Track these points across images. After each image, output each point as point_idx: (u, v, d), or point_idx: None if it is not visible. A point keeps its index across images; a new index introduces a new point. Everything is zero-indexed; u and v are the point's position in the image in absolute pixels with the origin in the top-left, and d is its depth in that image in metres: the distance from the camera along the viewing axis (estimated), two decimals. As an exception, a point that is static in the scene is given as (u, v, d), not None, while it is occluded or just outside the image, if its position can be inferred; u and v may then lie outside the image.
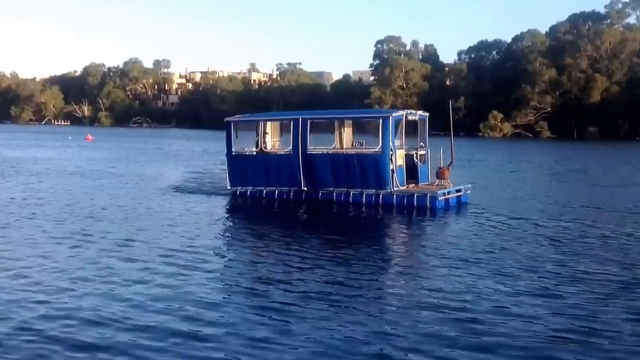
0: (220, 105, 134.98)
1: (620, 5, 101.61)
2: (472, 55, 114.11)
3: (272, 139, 22.32)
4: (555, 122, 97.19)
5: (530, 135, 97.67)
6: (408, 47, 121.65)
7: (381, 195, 19.85)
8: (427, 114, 22.24)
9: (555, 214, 18.36)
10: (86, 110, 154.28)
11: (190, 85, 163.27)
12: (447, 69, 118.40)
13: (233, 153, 22.13)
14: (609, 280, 10.58)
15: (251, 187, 21.71)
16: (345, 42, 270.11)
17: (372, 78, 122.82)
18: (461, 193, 20.63)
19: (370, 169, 20.06)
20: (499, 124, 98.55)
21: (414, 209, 19.28)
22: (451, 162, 20.88)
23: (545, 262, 11.73)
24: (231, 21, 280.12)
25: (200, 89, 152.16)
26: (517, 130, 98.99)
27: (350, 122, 22.68)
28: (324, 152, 21.29)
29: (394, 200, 19.73)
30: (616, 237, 14.59)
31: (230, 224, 17.52)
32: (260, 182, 21.59)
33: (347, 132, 22.34)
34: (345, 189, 20.38)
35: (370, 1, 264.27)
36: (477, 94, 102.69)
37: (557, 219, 17.19)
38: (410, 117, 21.22)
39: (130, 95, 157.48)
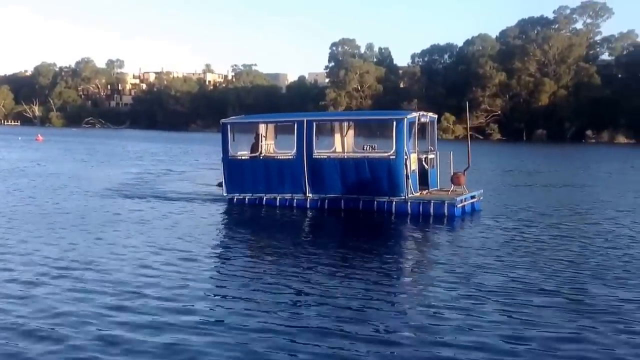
0: (174, 106, 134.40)
1: (568, 11, 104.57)
2: (425, 59, 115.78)
3: (267, 142, 21.19)
4: (505, 125, 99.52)
5: (481, 137, 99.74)
6: (363, 50, 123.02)
7: (394, 203, 18.54)
8: (436, 116, 21.30)
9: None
10: (37, 110, 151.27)
11: (144, 86, 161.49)
12: (401, 71, 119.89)
13: (229, 157, 20.58)
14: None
15: (250, 194, 20.24)
16: (301, 44, 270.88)
17: (327, 80, 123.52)
18: (475, 199, 19.51)
19: (382, 174, 18.66)
20: (451, 126, 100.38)
21: (430, 217, 18.01)
22: (467, 167, 19.59)
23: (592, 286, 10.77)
24: (185, 22, 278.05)
25: (155, 89, 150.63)
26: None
27: (352, 124, 21.40)
28: (332, 156, 19.88)
29: (409, 208, 18.43)
30: (561, 236, 15.37)
31: (228, 233, 16.15)
32: (260, 189, 20.12)
33: (349, 135, 21.15)
34: (355, 196, 18.98)
35: (325, 4, 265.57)
36: (430, 96, 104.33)
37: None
38: (422, 119, 20.14)
39: (83, 96, 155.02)
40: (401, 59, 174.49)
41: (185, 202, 20.87)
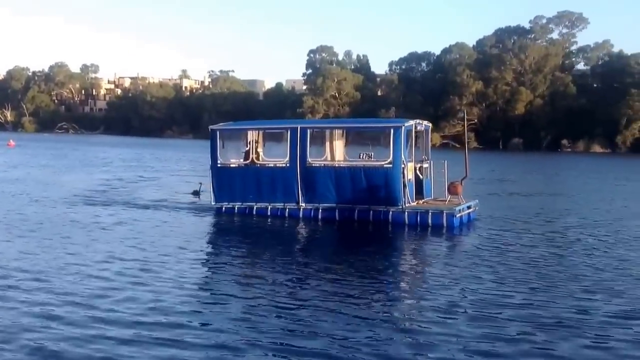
0: (150, 112, 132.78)
1: (544, 21, 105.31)
2: (403, 67, 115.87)
3: (257, 150, 20.61)
4: (481, 133, 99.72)
5: (458, 145, 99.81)
6: (340, 57, 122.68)
7: (391, 213, 18.17)
8: (430, 124, 21.04)
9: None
10: (9, 115, 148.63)
11: (119, 91, 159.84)
12: (378, 79, 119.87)
13: (219, 165, 20.06)
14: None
15: (239, 203, 19.76)
16: (278, 51, 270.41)
17: (304, 87, 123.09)
18: (471, 209, 19.31)
19: (379, 183, 18.29)
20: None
21: (428, 227, 17.64)
22: (465, 176, 19.39)
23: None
24: (162, 27, 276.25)
25: (130, 95, 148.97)
26: (445, 141, 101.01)
27: (342, 132, 20.97)
28: (326, 165, 19.56)
29: (406, 218, 18.07)
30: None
31: (215, 244, 15.72)
32: (250, 198, 19.66)
33: (340, 143, 20.78)
34: (350, 206, 18.58)
35: (303, 10, 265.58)
36: (408, 104, 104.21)
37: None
38: (418, 128, 19.86)
39: (56, 101, 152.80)
40: (379, 67, 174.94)
41: (169, 211, 20.31)
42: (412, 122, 19.48)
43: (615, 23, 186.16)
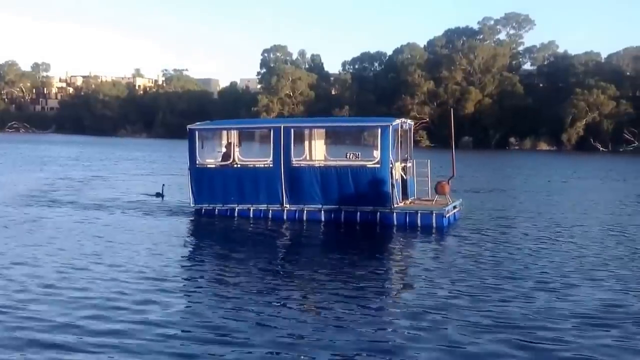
0: (102, 110, 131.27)
1: (492, 22, 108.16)
2: (356, 66, 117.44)
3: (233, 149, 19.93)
4: (433, 132, 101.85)
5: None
6: (295, 57, 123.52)
7: (379, 213, 17.75)
8: (412, 123, 20.64)
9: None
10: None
11: (71, 90, 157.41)
12: (332, 78, 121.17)
13: (197, 165, 19.33)
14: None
15: (220, 205, 19.10)
16: (232, 50, 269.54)
17: (259, 86, 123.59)
18: (457, 209, 19.05)
19: (367, 184, 17.77)
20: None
21: (417, 228, 17.22)
22: (452, 176, 19.16)
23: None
24: (115, 25, 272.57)
25: (82, 93, 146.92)
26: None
27: (323, 131, 20.42)
28: (312, 165, 18.89)
29: (394, 219, 17.64)
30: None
31: (194, 248, 15.05)
32: (231, 199, 18.96)
33: (319, 143, 20.26)
34: (337, 207, 18.07)
35: (257, 10, 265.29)
36: (361, 103, 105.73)
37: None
38: (404, 127, 19.49)
39: (6, 100, 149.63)
40: (332, 67, 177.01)
41: (141, 214, 19.44)
42: (398, 121, 19.13)
43: (560, 24, 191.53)
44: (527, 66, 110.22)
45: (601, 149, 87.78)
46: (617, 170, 48.34)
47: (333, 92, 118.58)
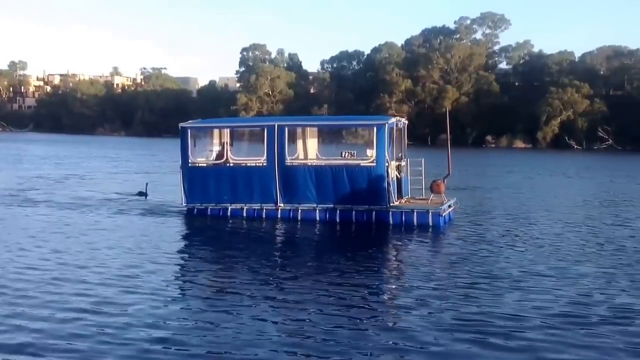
0: (80, 109, 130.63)
1: (468, 22, 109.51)
2: (334, 65, 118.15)
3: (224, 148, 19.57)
4: (411, 130, 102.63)
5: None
6: (273, 55, 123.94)
7: (375, 213, 17.65)
8: (407, 121, 20.54)
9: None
10: None
11: (48, 88, 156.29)
12: (311, 77, 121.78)
13: (189, 164, 19.12)
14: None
15: (213, 204, 18.94)
16: (211, 49, 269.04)
17: (238, 85, 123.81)
18: (452, 208, 18.98)
19: (363, 183, 17.67)
20: (360, 130, 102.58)
21: (414, 227, 17.13)
22: (448, 174, 18.99)
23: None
24: (92, 23, 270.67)
25: (60, 92, 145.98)
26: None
27: (316, 130, 20.25)
28: (307, 164, 18.71)
29: (390, 218, 17.57)
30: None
31: (186, 248, 14.79)
32: (224, 198, 18.79)
33: (312, 142, 20.09)
34: (332, 206, 17.95)
35: (235, 9, 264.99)
36: (340, 102, 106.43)
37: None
38: (399, 125, 19.41)
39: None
40: (311, 65, 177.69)
41: (129, 213, 19.18)
42: (393, 120, 19.09)
43: (535, 24, 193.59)
44: (503, 65, 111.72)
45: (575, 146, 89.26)
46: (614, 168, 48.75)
47: (312, 91, 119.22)
